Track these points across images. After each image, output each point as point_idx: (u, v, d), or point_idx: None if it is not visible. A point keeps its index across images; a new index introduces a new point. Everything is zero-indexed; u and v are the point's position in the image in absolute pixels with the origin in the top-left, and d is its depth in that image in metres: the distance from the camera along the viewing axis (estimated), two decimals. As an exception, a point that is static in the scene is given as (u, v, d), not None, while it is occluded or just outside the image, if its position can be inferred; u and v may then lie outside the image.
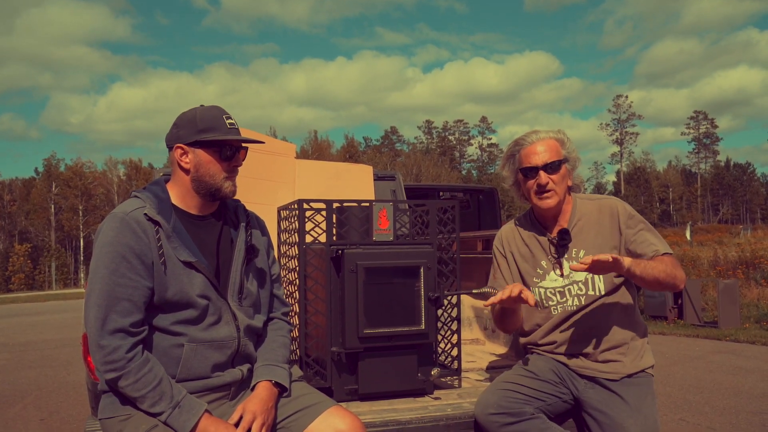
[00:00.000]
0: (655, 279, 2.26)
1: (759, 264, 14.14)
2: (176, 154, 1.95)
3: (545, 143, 2.43)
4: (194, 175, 1.95)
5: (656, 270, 2.27)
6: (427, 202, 2.70)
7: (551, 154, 2.41)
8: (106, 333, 1.76)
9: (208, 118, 1.95)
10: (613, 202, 2.49)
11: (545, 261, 2.49)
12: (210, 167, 1.95)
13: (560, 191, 2.42)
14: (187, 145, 1.94)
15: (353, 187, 3.99)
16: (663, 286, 2.32)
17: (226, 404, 1.96)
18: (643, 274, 2.25)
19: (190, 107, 2.02)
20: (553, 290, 2.46)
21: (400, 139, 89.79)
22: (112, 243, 1.81)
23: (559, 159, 2.41)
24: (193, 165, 1.95)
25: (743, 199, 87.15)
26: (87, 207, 58.39)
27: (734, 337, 8.86)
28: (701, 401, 5.41)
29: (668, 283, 2.30)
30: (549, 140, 2.45)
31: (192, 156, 1.94)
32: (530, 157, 2.43)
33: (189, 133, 1.94)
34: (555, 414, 2.38)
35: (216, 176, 1.95)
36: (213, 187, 1.96)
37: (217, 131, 1.94)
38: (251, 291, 2.03)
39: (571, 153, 2.47)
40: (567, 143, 2.47)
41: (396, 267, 2.48)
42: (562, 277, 2.44)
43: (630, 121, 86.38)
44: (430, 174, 56.59)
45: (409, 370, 2.52)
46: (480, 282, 3.84)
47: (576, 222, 2.47)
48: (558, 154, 2.42)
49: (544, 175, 2.39)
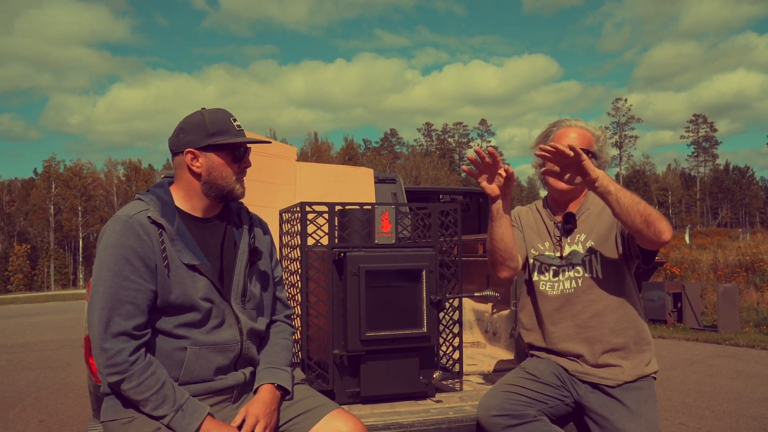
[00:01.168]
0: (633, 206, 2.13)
1: (759, 268, 14.16)
2: (187, 159, 1.94)
3: (580, 131, 2.47)
4: (206, 179, 1.95)
5: (635, 199, 2.15)
6: (429, 205, 2.70)
7: (582, 143, 2.43)
8: (110, 336, 1.76)
9: (217, 122, 1.95)
10: None
11: (548, 242, 2.51)
12: (223, 170, 1.96)
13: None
14: (199, 150, 1.95)
15: (354, 190, 3.99)
16: (642, 220, 2.13)
17: (229, 407, 1.96)
18: (618, 193, 2.14)
19: (189, 108, 2.04)
20: (548, 266, 2.47)
21: (399, 141, 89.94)
22: (115, 246, 1.81)
23: (587, 149, 2.41)
24: (205, 169, 1.95)
25: (742, 203, 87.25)
26: (86, 208, 58.39)
27: (734, 341, 8.86)
28: (701, 405, 5.41)
29: (648, 219, 2.13)
30: (585, 131, 2.49)
31: (204, 160, 1.95)
32: (562, 138, 2.46)
33: (200, 138, 1.94)
34: (557, 417, 2.38)
35: (228, 179, 1.97)
36: (225, 189, 1.97)
37: (227, 134, 1.95)
38: (254, 294, 2.03)
39: (602, 152, 2.50)
40: (602, 142, 2.51)
41: (398, 270, 2.49)
42: (560, 259, 2.45)
43: (629, 125, 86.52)
44: (430, 176, 56.66)
45: (411, 373, 2.52)
46: (481, 285, 3.84)
47: (584, 211, 2.48)
48: (588, 145, 2.45)
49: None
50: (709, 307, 11.56)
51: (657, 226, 2.14)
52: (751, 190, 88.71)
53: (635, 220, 2.14)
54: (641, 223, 2.14)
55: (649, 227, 2.14)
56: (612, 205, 2.19)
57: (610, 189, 2.16)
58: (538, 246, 2.52)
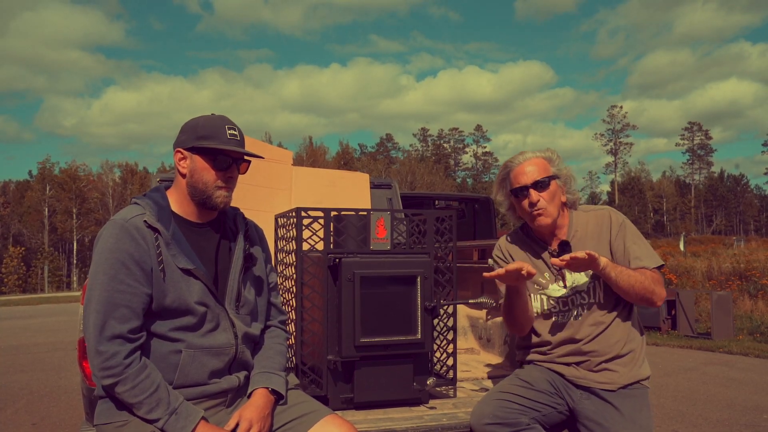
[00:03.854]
0: (630, 286, 2.30)
1: (753, 276, 14.20)
2: (176, 158, 1.99)
3: (533, 163, 2.47)
4: (189, 181, 1.98)
5: (632, 278, 2.30)
6: (425, 211, 2.71)
7: (539, 172, 2.44)
8: (105, 339, 1.76)
9: (209, 126, 1.97)
10: (606, 212, 2.52)
11: (547, 273, 2.51)
12: (203, 174, 1.96)
13: (552, 209, 2.44)
14: (186, 150, 1.97)
15: (350, 195, 4.00)
16: (638, 296, 2.33)
17: (223, 411, 1.96)
18: (618, 278, 2.30)
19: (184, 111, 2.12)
20: (556, 300, 2.47)
21: (395, 146, 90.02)
22: (111, 249, 1.81)
23: (547, 176, 2.44)
24: (189, 170, 1.98)
25: (737, 211, 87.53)
26: (81, 210, 58.19)
27: (727, 349, 8.89)
28: (694, 413, 5.42)
29: (644, 295, 2.32)
30: (536, 159, 2.49)
31: (189, 161, 1.98)
32: (519, 177, 2.47)
33: (189, 139, 1.97)
34: (550, 425, 2.39)
35: (208, 184, 1.96)
36: (204, 194, 1.97)
37: (214, 140, 1.96)
38: (249, 299, 2.04)
39: (561, 170, 2.50)
40: (556, 161, 2.51)
41: (393, 276, 2.49)
42: (564, 288, 2.46)
43: (624, 132, 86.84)
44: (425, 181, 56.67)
45: (405, 379, 2.52)
46: (475, 291, 3.85)
47: (574, 233, 2.49)
48: (546, 171, 2.46)
49: (534, 193, 2.42)
50: (703, 315, 11.60)
51: (650, 299, 2.34)
52: (745, 197, 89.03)
53: (631, 297, 2.36)
54: (637, 300, 2.37)
55: (642, 301, 2.36)
56: (611, 286, 2.36)
57: (611, 275, 2.30)
58: (540, 280, 2.52)
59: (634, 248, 2.42)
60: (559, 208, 2.47)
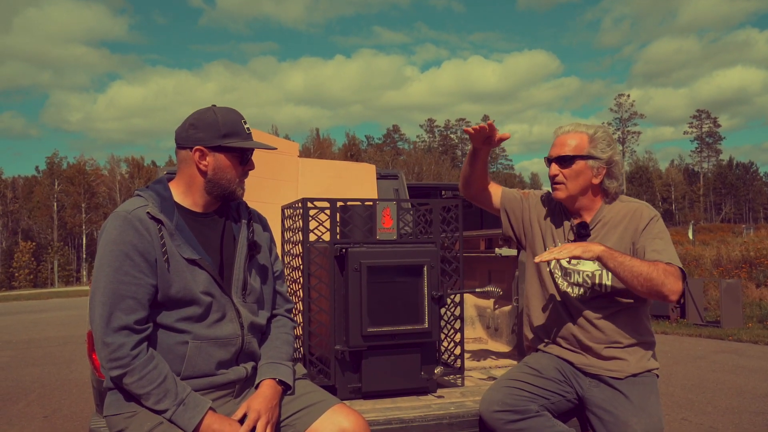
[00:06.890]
0: (633, 277, 2.17)
1: (762, 263, 14.13)
2: (195, 156, 1.95)
3: (572, 136, 2.43)
4: (211, 178, 1.96)
5: (636, 269, 2.17)
6: (431, 201, 2.70)
7: (570, 149, 2.40)
8: (111, 330, 1.77)
9: (230, 123, 1.96)
10: (641, 205, 2.44)
11: (560, 242, 2.48)
12: (228, 172, 1.97)
13: (572, 186, 2.40)
14: (208, 149, 1.95)
15: (356, 186, 3.99)
16: (644, 288, 2.18)
17: (231, 402, 1.97)
18: (617, 268, 2.19)
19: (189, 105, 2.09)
20: (558, 265, 2.47)
21: (402, 137, 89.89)
22: (115, 241, 1.81)
23: (574, 154, 2.39)
24: (211, 168, 1.96)
25: (746, 198, 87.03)
26: (90, 204, 58.49)
27: (737, 337, 8.86)
28: (704, 401, 5.40)
29: (651, 287, 2.18)
30: (578, 134, 2.42)
31: (212, 159, 1.96)
32: (554, 146, 2.47)
33: (211, 137, 1.94)
34: (559, 413, 2.38)
35: (232, 181, 1.99)
36: (228, 190, 1.99)
37: (238, 137, 1.97)
38: (254, 287, 2.04)
39: (603, 153, 2.40)
40: (599, 142, 2.40)
41: (399, 266, 2.49)
42: (568, 263, 2.45)
43: (632, 120, 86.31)
44: (432, 172, 56.61)
45: (413, 368, 2.52)
46: (483, 280, 3.84)
47: (598, 221, 2.44)
48: (579, 149, 2.39)
49: (554, 166, 2.42)
50: (712, 303, 11.56)
51: (660, 291, 2.19)
52: (754, 185, 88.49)
53: (637, 289, 2.22)
54: (644, 292, 2.22)
55: (651, 293, 2.22)
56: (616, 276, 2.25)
57: (609, 265, 2.21)
58: (556, 240, 2.49)
59: (656, 242, 2.32)
60: (583, 188, 2.41)
